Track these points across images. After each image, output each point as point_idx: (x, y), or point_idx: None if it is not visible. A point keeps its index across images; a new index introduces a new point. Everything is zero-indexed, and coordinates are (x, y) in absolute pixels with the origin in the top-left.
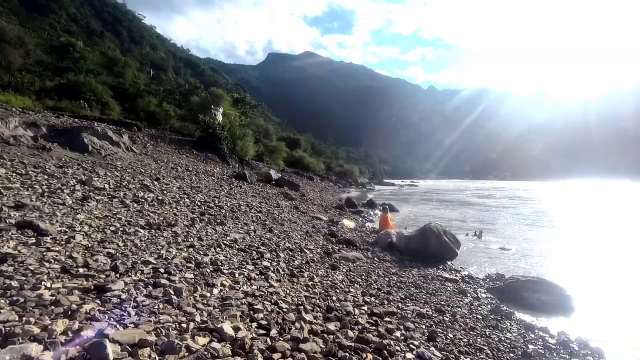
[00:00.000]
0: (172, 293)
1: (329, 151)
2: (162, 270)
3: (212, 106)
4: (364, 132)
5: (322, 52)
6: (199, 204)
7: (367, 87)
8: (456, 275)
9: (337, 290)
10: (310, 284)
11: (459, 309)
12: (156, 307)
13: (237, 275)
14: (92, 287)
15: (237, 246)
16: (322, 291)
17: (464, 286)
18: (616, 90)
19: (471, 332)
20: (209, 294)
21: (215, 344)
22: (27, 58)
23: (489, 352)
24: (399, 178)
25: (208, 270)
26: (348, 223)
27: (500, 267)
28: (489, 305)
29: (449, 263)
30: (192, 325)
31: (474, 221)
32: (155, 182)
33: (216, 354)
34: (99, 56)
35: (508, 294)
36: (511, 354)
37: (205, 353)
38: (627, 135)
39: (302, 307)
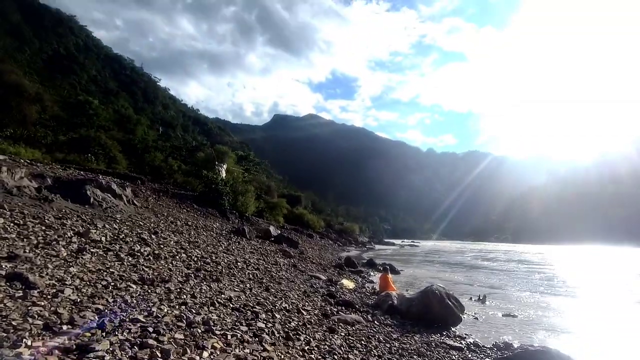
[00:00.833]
0: (159, 355)
1: (329, 209)
2: (150, 329)
3: (217, 162)
4: (364, 192)
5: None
6: (195, 259)
7: (368, 147)
8: (461, 343)
9: (335, 357)
10: (306, 348)
11: None
12: None
13: (229, 337)
14: (74, 346)
15: (231, 305)
16: (319, 357)
17: (470, 355)
18: (612, 154)
19: None
20: (198, 357)
21: None
22: (43, 113)
23: None
24: (399, 237)
25: (199, 331)
26: (347, 283)
27: (506, 334)
28: None
29: (452, 329)
30: None
31: (477, 284)
32: (153, 236)
33: None
34: (112, 113)
35: None
36: None
37: None
38: (623, 199)
39: None
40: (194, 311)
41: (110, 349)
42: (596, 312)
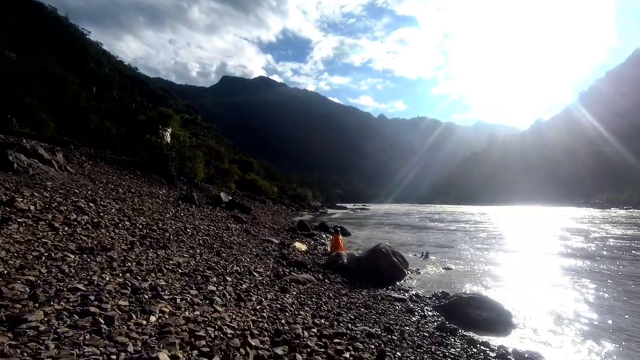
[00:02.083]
0: (102, 322)
1: (282, 175)
2: (92, 297)
3: (160, 126)
4: (317, 158)
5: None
6: (140, 227)
7: (321, 113)
8: (404, 295)
9: (287, 314)
10: (258, 307)
11: (407, 328)
12: (81, 338)
13: (178, 300)
14: (4, 318)
15: (180, 270)
16: (271, 315)
17: (411, 305)
18: (543, 122)
19: (418, 350)
20: (145, 322)
21: None
22: None
23: None
24: (351, 202)
25: (146, 297)
26: (300, 246)
27: (445, 285)
28: (435, 323)
29: (398, 283)
30: (123, 356)
31: (421, 243)
32: (92, 204)
33: None
34: (35, 70)
35: (452, 311)
36: None
37: None
38: (556, 163)
39: (248, 332)
40: (139, 278)
41: (46, 319)
42: (525, 265)
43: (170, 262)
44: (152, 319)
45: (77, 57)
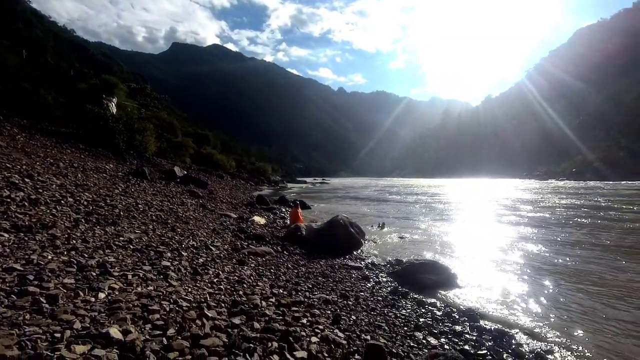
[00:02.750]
0: (44, 301)
1: (240, 149)
2: (31, 277)
3: (104, 95)
4: (277, 131)
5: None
6: (85, 203)
7: (280, 85)
8: (361, 263)
9: (245, 285)
10: (215, 280)
11: (362, 293)
12: (21, 318)
13: (130, 276)
14: None
15: (132, 247)
16: (229, 287)
17: (367, 272)
18: (493, 98)
19: (372, 313)
20: (93, 299)
21: (98, 351)
22: None
23: (386, 328)
24: (311, 176)
25: (94, 274)
26: (259, 219)
27: (399, 253)
28: (388, 288)
29: (355, 252)
30: (68, 333)
31: (378, 214)
32: (27, 180)
33: None
34: None
35: (405, 276)
36: (405, 328)
37: None
38: (504, 138)
39: (205, 304)
40: (86, 255)
41: None
42: (474, 232)
43: (121, 238)
44: (101, 295)
45: (2, 15)
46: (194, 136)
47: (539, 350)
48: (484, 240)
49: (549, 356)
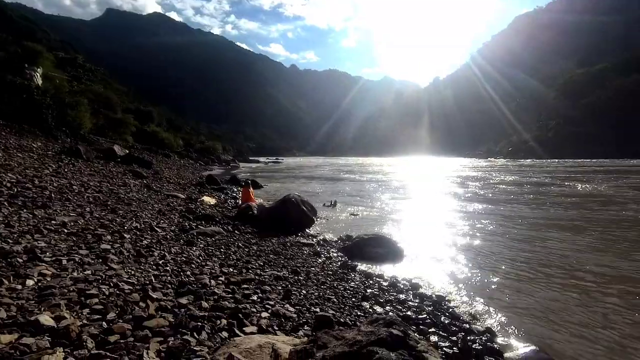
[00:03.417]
0: None
1: (188, 127)
2: None
3: (27, 65)
4: (227, 109)
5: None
6: (8, 185)
7: (230, 60)
8: (312, 240)
9: (193, 265)
10: (161, 262)
11: (313, 269)
12: None
13: (65, 261)
14: None
15: (66, 230)
16: (176, 268)
17: (318, 249)
18: (440, 80)
19: (322, 287)
20: (20, 287)
21: (27, 339)
22: None
23: (335, 300)
24: (264, 155)
25: (20, 260)
26: (209, 200)
27: (350, 230)
28: (338, 262)
29: (307, 230)
30: None
31: (331, 193)
32: None
33: (28, 350)
34: None
35: (354, 251)
36: (353, 299)
37: (12, 351)
38: (449, 119)
39: (149, 286)
40: (10, 241)
41: None
42: (422, 207)
43: (53, 222)
44: (30, 282)
45: None
46: (135, 113)
47: (473, 311)
48: (430, 216)
49: (481, 317)
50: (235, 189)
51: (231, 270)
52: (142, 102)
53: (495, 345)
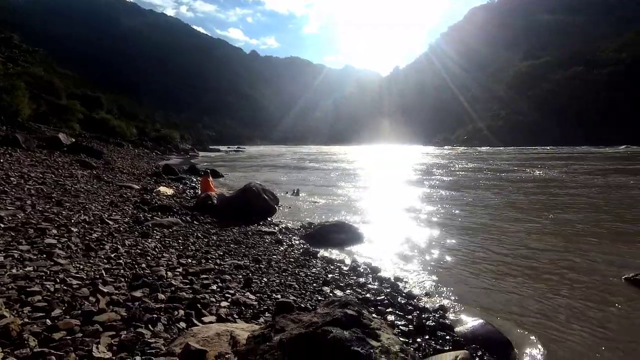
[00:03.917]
0: None
1: (142, 114)
2: None
3: None
4: (185, 95)
5: None
6: None
7: (186, 44)
8: (274, 229)
9: (149, 258)
10: (113, 255)
11: (275, 257)
12: None
13: (1, 259)
14: None
15: (3, 225)
16: (129, 261)
17: (280, 237)
18: (400, 69)
19: (283, 274)
20: None
21: None
22: None
23: (297, 286)
24: (225, 144)
25: None
26: (165, 190)
27: (313, 217)
28: (300, 249)
29: (269, 219)
30: None
31: (293, 181)
32: None
33: None
34: None
35: (316, 237)
36: (314, 284)
37: None
38: (408, 108)
39: (100, 280)
40: None
41: None
42: (383, 194)
43: None
44: None
45: None
46: (82, 99)
47: (428, 291)
48: (392, 202)
49: (436, 296)
50: (195, 179)
51: (190, 261)
52: (89, 88)
53: (447, 321)
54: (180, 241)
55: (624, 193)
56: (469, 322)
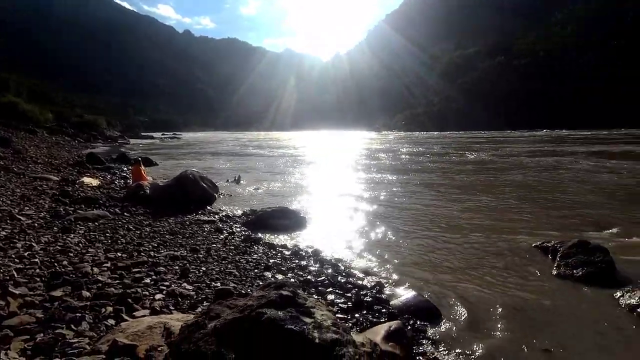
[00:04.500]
0: None
1: (60, 98)
2: None
3: None
4: (112, 78)
5: None
6: None
7: (109, 20)
8: (214, 217)
9: (71, 254)
10: (26, 254)
11: (214, 245)
12: None
13: None
14: None
15: None
16: (47, 259)
17: (220, 225)
18: (341, 55)
19: (223, 262)
20: None
21: None
22: None
23: (237, 273)
24: (160, 130)
25: None
26: (90, 181)
27: (255, 204)
28: (241, 237)
29: (208, 207)
30: None
31: (234, 168)
32: None
33: None
34: None
35: (258, 224)
36: (256, 270)
37: None
38: (349, 94)
39: (10, 282)
40: None
41: None
42: (326, 180)
43: None
44: None
45: None
46: None
47: (367, 269)
48: (335, 187)
49: (374, 273)
50: (125, 168)
51: (119, 255)
52: None
53: (384, 296)
54: (108, 235)
55: (551, 172)
56: (403, 295)
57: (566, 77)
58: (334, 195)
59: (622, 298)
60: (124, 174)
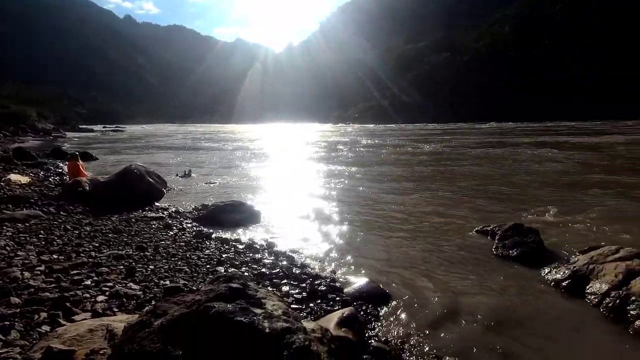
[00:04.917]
0: None
1: None
2: None
3: None
4: (45, 66)
5: None
6: None
7: (41, 3)
8: (163, 213)
9: None
10: None
11: (163, 242)
12: None
13: None
14: None
15: None
16: None
17: (170, 221)
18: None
19: (173, 259)
20: None
21: None
22: None
23: (188, 270)
24: (100, 123)
25: None
26: (19, 178)
27: (206, 199)
28: (192, 232)
29: (156, 203)
30: None
31: (184, 162)
32: None
33: None
34: None
35: (210, 219)
36: (208, 266)
37: None
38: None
39: None
40: None
41: None
42: (280, 173)
43: None
44: None
45: None
46: None
47: (322, 260)
48: (291, 180)
49: (328, 263)
50: (61, 164)
51: (55, 257)
52: None
53: (338, 284)
54: (42, 236)
55: (500, 162)
56: (356, 282)
57: (509, 73)
58: (290, 189)
59: (549, 274)
60: (60, 170)
